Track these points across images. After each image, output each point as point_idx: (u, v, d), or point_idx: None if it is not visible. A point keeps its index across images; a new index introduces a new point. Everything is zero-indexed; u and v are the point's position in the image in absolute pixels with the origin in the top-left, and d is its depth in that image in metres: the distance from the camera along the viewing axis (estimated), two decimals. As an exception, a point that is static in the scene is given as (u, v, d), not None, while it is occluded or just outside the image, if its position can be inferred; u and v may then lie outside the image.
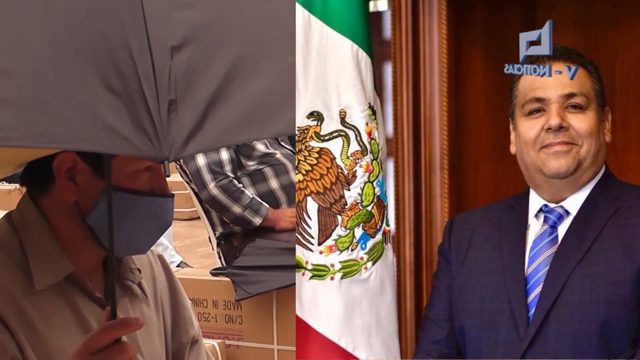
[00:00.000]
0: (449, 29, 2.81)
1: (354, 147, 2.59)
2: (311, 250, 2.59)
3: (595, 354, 2.19)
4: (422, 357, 2.43)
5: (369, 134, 2.60)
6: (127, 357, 1.75)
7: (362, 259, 2.60)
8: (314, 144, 2.59)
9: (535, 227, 2.34)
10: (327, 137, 2.59)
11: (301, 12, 2.56)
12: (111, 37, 1.56)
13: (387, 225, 2.65)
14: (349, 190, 2.59)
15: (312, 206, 2.59)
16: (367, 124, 2.60)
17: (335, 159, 2.59)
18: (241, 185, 4.56)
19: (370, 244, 2.61)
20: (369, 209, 2.60)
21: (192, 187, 4.71)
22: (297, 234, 2.59)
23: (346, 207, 2.59)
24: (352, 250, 2.60)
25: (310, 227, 2.59)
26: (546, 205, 2.33)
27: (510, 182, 2.75)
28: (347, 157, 2.59)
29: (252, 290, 4.24)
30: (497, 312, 2.30)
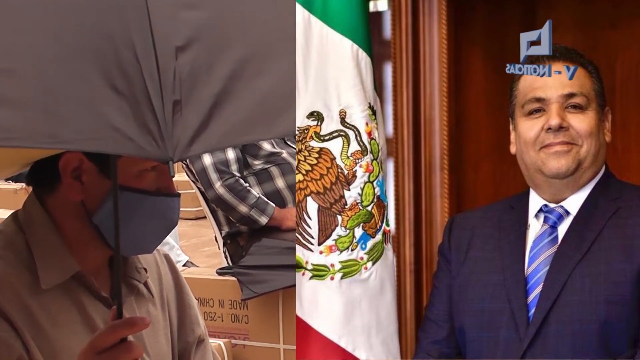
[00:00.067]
0: (449, 29, 2.80)
1: (354, 147, 2.59)
2: (311, 250, 2.59)
3: (595, 354, 2.20)
4: (422, 357, 2.44)
5: (369, 134, 2.60)
6: (133, 356, 1.75)
7: (362, 259, 2.60)
8: (314, 144, 2.58)
9: (535, 227, 2.34)
10: (327, 137, 2.59)
11: (301, 12, 2.56)
12: (116, 37, 1.56)
13: (387, 225, 2.65)
14: (349, 190, 2.59)
15: (312, 206, 2.59)
16: (367, 124, 2.60)
17: (335, 159, 2.59)
18: (247, 184, 4.56)
19: (370, 244, 2.61)
20: (369, 209, 2.60)
21: (199, 187, 4.71)
22: (297, 234, 2.59)
23: (346, 207, 2.59)
24: (352, 250, 2.60)
25: (310, 227, 2.59)
26: (546, 205, 2.33)
27: (510, 182, 2.75)
28: (347, 157, 2.59)
29: (258, 289, 4.23)
30: (497, 312, 2.30)
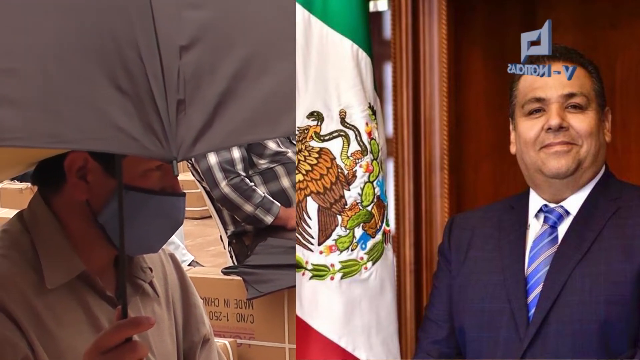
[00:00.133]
0: (449, 29, 2.80)
1: (354, 147, 2.59)
2: (311, 250, 2.59)
3: (595, 354, 2.20)
4: (422, 357, 2.44)
5: (369, 134, 2.60)
6: (138, 356, 1.76)
7: (362, 259, 2.60)
8: (314, 144, 2.58)
9: (535, 227, 2.34)
10: (327, 137, 2.59)
11: (301, 12, 2.56)
12: (120, 37, 1.56)
13: (387, 225, 2.65)
14: (349, 190, 2.59)
15: (312, 206, 2.59)
16: (367, 124, 2.60)
17: (335, 159, 2.59)
18: (253, 183, 4.55)
19: (370, 244, 2.61)
20: (369, 209, 2.60)
21: (204, 186, 4.70)
22: (297, 234, 2.59)
23: (346, 207, 2.58)
24: (352, 250, 2.59)
25: (310, 227, 2.59)
26: (546, 205, 2.33)
27: (510, 182, 2.75)
28: (347, 157, 2.58)
29: (263, 289, 4.23)
30: (497, 312, 2.30)
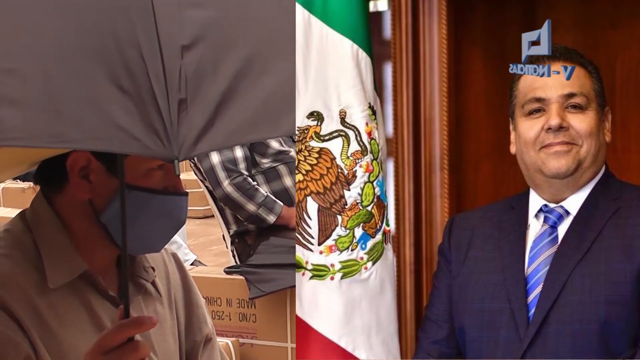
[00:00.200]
0: (449, 29, 2.80)
1: (354, 147, 2.59)
2: (311, 250, 2.59)
3: (595, 354, 2.20)
4: (422, 357, 2.44)
5: (369, 134, 2.60)
6: (140, 355, 1.75)
7: (362, 259, 2.60)
8: (314, 144, 2.58)
9: (535, 227, 2.34)
10: (327, 137, 2.59)
11: (301, 12, 2.56)
12: (121, 37, 1.55)
13: (387, 225, 2.65)
14: (349, 190, 2.59)
15: (312, 206, 2.59)
16: (367, 124, 2.60)
17: (335, 159, 2.59)
18: (255, 183, 4.55)
19: (370, 244, 2.61)
20: (369, 209, 2.60)
21: (206, 185, 4.70)
22: (297, 234, 2.59)
23: (346, 207, 2.58)
24: (352, 250, 2.60)
25: (310, 227, 2.59)
26: (546, 205, 2.33)
27: (510, 182, 2.76)
28: (347, 157, 2.59)
29: (266, 288, 4.22)
30: (497, 312, 2.30)
